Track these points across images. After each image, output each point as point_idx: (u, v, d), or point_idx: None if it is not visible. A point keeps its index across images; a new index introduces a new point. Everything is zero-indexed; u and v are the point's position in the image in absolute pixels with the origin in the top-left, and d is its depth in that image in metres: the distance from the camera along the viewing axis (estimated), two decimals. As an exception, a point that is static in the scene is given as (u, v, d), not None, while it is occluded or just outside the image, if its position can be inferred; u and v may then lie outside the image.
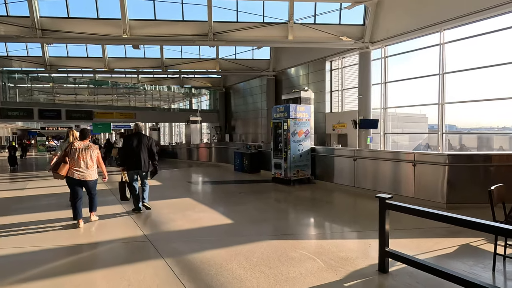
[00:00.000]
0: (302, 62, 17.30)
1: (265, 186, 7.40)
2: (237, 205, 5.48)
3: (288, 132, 6.88)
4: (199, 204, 5.48)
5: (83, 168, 4.39)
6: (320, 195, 6.60)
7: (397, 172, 5.75)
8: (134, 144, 5.03)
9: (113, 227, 4.44)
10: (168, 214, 4.78)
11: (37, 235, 4.15)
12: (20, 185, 8.11)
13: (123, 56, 19.80)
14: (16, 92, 21.53)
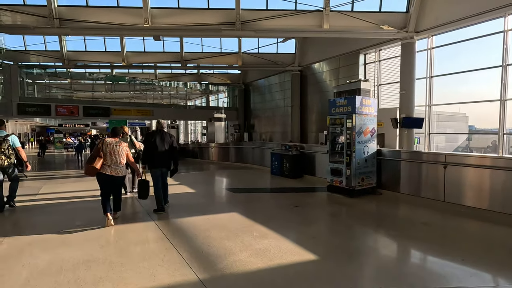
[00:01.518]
0: (332, 56, 15.81)
1: (321, 197, 6.03)
2: (304, 226, 4.14)
3: (353, 130, 5.49)
4: (254, 223, 4.17)
5: (114, 164, 4.33)
6: (404, 213, 5.18)
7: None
8: (156, 141, 4.85)
9: (144, 253, 3.21)
10: (221, 241, 3.49)
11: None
12: (32, 190, 7.00)
13: (142, 50, 18.77)
14: (35, 88, 20.76)
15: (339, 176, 5.81)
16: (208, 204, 5.42)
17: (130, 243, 3.51)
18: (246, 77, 23.56)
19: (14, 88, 16.48)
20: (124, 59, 17.85)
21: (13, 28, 12.03)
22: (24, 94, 17.69)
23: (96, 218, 4.52)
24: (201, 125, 31.60)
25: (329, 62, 16.15)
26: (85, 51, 18.13)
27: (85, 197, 6.08)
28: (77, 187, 7.53)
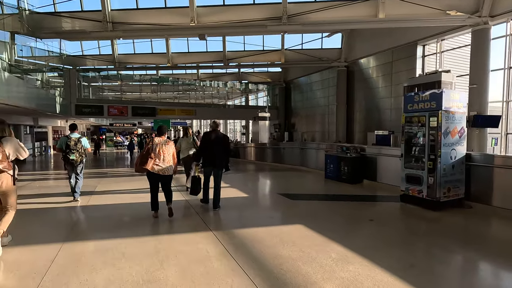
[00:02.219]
0: (383, 49, 14.42)
1: (395, 209, 5.17)
2: (393, 248, 3.31)
3: (438, 131, 4.54)
4: (327, 240, 3.49)
5: (162, 162, 4.42)
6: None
7: None
8: (211, 141, 4.94)
9: (209, 275, 2.74)
10: (295, 263, 2.89)
11: None
12: (89, 188, 7.06)
13: (186, 51, 18.95)
14: (90, 90, 22.13)
15: (418, 184, 4.89)
16: (266, 212, 4.86)
17: (191, 260, 3.07)
18: (287, 75, 22.81)
19: (73, 90, 17.61)
20: (170, 60, 18.16)
21: (72, 33, 12.70)
22: (81, 96, 18.86)
23: (152, 222, 4.23)
24: (240, 124, 31.53)
25: (379, 56, 14.79)
26: (134, 53, 18.83)
27: (138, 197, 5.92)
28: (130, 186, 7.51)
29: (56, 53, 17.41)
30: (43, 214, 4.83)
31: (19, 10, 12.07)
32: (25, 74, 14.24)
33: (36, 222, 4.31)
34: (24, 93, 11.84)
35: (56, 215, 4.96)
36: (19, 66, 14.45)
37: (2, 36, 12.96)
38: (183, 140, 6.77)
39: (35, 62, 16.39)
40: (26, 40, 14.52)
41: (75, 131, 5.92)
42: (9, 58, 13.36)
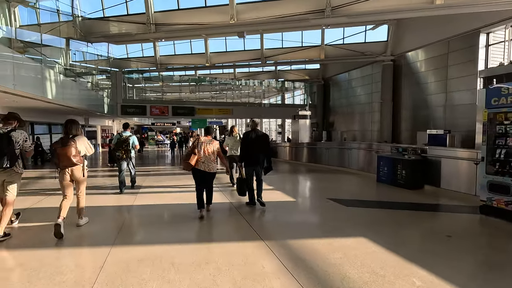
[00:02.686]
0: (438, 40, 13.00)
1: (474, 221, 4.38)
2: (493, 275, 2.69)
3: (536, 130, 3.70)
4: (400, 259, 2.88)
5: (206, 160, 4.56)
6: None
7: None
8: (252, 140, 4.96)
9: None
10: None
11: None
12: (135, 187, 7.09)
13: (223, 50, 18.95)
14: (133, 91, 23.18)
15: (506, 194, 4.05)
16: (320, 220, 4.35)
17: (246, 275, 2.70)
18: (326, 72, 21.85)
19: (119, 91, 18.51)
20: (208, 60, 18.28)
21: (118, 36, 13.22)
22: (126, 96, 19.78)
23: (199, 226, 3.96)
24: (276, 123, 31.05)
25: (431, 48, 13.38)
26: (174, 54, 19.27)
27: (182, 197, 5.77)
28: (174, 184, 7.47)
29: (104, 57, 18.42)
30: (93, 212, 4.82)
31: (73, 17, 12.83)
32: (77, 77, 15.19)
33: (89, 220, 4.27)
34: (76, 94, 12.56)
35: (106, 214, 4.93)
36: (73, 69, 15.46)
37: (59, 42, 13.90)
38: (230, 139, 7.00)
39: (86, 65, 17.47)
40: (79, 45, 15.49)
41: (127, 129, 6.55)
42: (64, 62, 14.32)
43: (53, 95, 9.47)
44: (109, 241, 3.52)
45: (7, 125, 3.66)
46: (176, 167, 12.09)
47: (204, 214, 4.55)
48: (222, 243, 3.51)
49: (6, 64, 7.01)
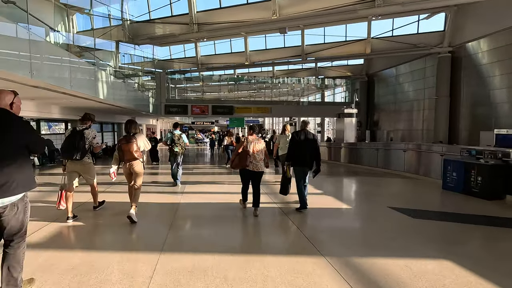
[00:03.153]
0: (504, 28, 11.30)
1: None
2: None
3: None
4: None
5: (254, 159, 4.53)
6: None
7: None
8: (301, 140, 4.82)
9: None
10: None
11: None
12: (179, 188, 7.04)
13: (263, 48, 18.62)
14: (176, 91, 23.93)
15: None
16: (386, 234, 3.73)
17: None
18: (370, 68, 20.45)
19: (163, 92, 19.15)
20: (247, 58, 18.09)
21: (163, 37, 13.54)
22: (169, 96, 20.43)
23: (251, 233, 3.62)
24: (314, 122, 30.02)
25: (497, 37, 11.70)
26: (214, 54, 19.41)
27: (228, 197, 5.51)
28: (218, 180, 7.29)
29: (149, 59, 19.17)
30: (143, 210, 4.75)
31: (122, 21, 13.41)
32: (126, 78, 15.95)
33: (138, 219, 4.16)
34: (125, 95, 13.11)
35: (154, 213, 4.83)
36: (122, 71, 16.26)
37: (110, 46, 14.68)
38: (282, 138, 6.97)
39: (133, 67, 18.33)
40: (127, 48, 16.25)
41: (177, 128, 6.94)
42: (114, 65, 15.09)
43: (104, 95, 9.89)
44: (158, 246, 3.33)
45: (83, 124, 4.31)
46: (217, 165, 12.03)
47: (253, 214, 4.55)
48: (277, 256, 3.12)
49: (64, 67, 7.37)
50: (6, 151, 2.11)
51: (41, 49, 6.22)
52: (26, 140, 2.22)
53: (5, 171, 2.06)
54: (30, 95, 7.99)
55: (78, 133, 4.15)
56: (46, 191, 6.15)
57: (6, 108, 2.19)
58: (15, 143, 2.16)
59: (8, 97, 2.23)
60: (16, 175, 2.11)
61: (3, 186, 2.04)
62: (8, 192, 2.07)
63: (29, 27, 5.91)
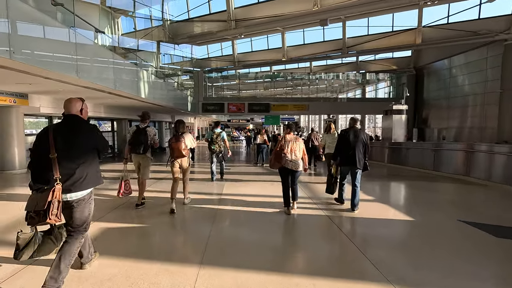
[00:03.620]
0: None
1: None
2: None
3: None
4: None
5: (294, 158, 4.51)
6: None
7: None
8: (350, 138, 4.66)
9: None
10: None
11: None
12: (216, 188, 6.80)
13: (301, 43, 17.86)
14: (213, 90, 24.15)
15: None
16: (467, 256, 2.95)
17: None
18: (418, 60, 18.64)
19: (200, 90, 19.37)
20: (285, 54, 17.51)
21: (201, 36, 13.53)
22: (206, 95, 20.63)
23: (296, 246, 3.18)
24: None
25: None
26: (251, 51, 19.12)
27: (268, 202, 5.11)
28: (257, 179, 6.95)
29: (188, 58, 19.49)
30: (179, 213, 4.54)
31: (163, 21, 13.67)
32: (166, 77, 16.34)
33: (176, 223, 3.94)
34: (165, 94, 13.37)
35: (192, 217, 4.60)
36: (162, 71, 16.69)
37: (151, 47, 15.09)
38: (328, 136, 6.78)
39: (173, 67, 18.76)
40: (167, 49, 16.63)
41: (218, 126, 7.23)
42: (155, 65, 15.51)
43: (146, 94, 10.08)
44: (197, 257, 3.03)
45: (144, 122, 4.78)
46: (252, 164, 11.72)
47: (292, 212, 4.58)
48: (333, 280, 2.62)
49: (109, 68, 7.54)
50: (79, 152, 2.40)
51: (88, 52, 6.42)
52: (94, 141, 2.51)
53: (78, 169, 2.35)
54: (79, 95, 8.34)
55: (142, 130, 4.66)
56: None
57: (77, 114, 2.50)
58: (85, 145, 2.45)
59: (78, 104, 2.52)
60: (86, 172, 2.39)
61: (76, 182, 2.33)
62: (80, 187, 2.36)
63: (83, 32, 6.11)
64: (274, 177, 7.43)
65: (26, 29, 4.54)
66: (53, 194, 2.17)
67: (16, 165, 8.33)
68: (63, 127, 2.42)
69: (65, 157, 2.32)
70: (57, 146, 2.30)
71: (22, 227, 2.59)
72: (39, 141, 2.36)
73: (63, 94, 7.76)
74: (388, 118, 11.89)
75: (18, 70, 4.83)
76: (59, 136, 2.35)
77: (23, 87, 7.03)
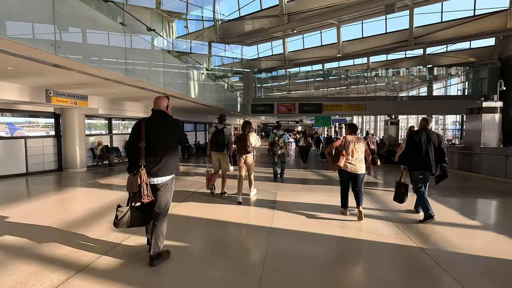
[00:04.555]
0: None
1: None
2: None
3: None
4: None
5: (354, 160, 4.24)
6: None
7: None
8: (422, 140, 4.24)
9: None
10: None
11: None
12: (269, 195, 6.03)
13: (358, 37, 16.18)
14: (262, 90, 23.60)
15: None
16: None
17: None
18: (505, 49, 15.40)
19: (250, 91, 18.93)
20: (340, 50, 16.06)
21: (252, 33, 12.98)
22: (255, 96, 20.13)
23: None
24: (417, 120, 25.20)
25: None
26: (302, 49, 18.04)
27: (329, 224, 4.13)
28: (313, 195, 5.98)
29: (238, 59, 19.24)
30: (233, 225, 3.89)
31: (214, 21, 13.49)
32: (216, 79, 16.25)
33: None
34: (215, 95, 13.16)
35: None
36: (213, 73, 16.64)
37: (202, 49, 15.10)
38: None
39: (223, 68, 18.68)
40: (218, 51, 16.55)
41: (280, 129, 7.63)
42: (207, 66, 15.48)
43: (196, 94, 9.86)
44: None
45: (222, 124, 5.28)
46: (308, 167, 10.68)
47: (357, 217, 4.23)
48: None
49: (161, 69, 7.37)
50: (166, 143, 2.72)
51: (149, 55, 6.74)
52: (177, 134, 2.82)
53: (164, 157, 2.68)
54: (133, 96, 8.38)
55: (220, 131, 5.17)
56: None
57: (164, 110, 2.85)
58: (170, 136, 2.75)
59: (165, 101, 2.89)
60: (170, 161, 2.73)
61: (163, 168, 2.67)
62: (166, 173, 2.71)
63: (140, 36, 6.31)
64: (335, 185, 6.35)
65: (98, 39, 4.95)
66: (141, 179, 2.52)
67: (77, 163, 8.70)
68: (153, 121, 2.75)
69: (154, 146, 2.65)
70: (147, 136, 2.65)
71: (122, 203, 2.92)
72: (134, 131, 2.72)
73: (115, 94, 7.82)
74: (474, 118, 9.69)
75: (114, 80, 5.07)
76: (149, 128, 2.69)
77: (85, 89, 7.23)
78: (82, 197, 5.83)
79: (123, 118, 12.14)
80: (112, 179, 7.73)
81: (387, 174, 9.24)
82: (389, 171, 9.74)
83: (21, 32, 3.48)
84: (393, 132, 17.35)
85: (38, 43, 3.71)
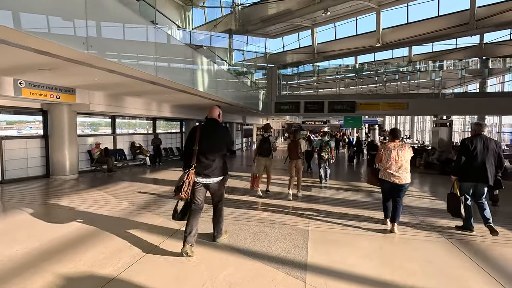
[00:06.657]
0: None
1: None
2: None
3: None
4: None
5: (398, 170, 3.83)
6: None
7: None
8: (477, 148, 3.81)
9: None
10: None
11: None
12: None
13: (404, 23, 13.56)
14: (287, 88, 21.38)
15: None
16: None
17: None
18: None
19: (273, 88, 16.88)
20: (379, 39, 13.54)
21: (277, 17, 10.99)
22: (280, 93, 18.03)
23: None
24: (464, 121, 21.64)
25: None
26: (334, 40, 15.69)
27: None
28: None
29: (261, 53, 17.29)
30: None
31: (234, 7, 11.68)
32: (238, 76, 14.46)
33: None
34: (236, 92, 11.40)
35: None
36: (235, 69, 14.86)
37: (222, 43, 13.37)
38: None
39: (245, 64, 16.82)
40: (239, 44, 14.76)
41: (326, 136, 7.90)
42: (228, 61, 13.72)
43: (217, 92, 8.18)
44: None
45: (267, 132, 5.93)
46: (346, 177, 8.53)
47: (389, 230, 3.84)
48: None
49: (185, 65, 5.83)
50: (219, 147, 3.16)
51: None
52: (227, 140, 3.27)
53: (216, 160, 3.11)
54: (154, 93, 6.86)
55: (267, 139, 5.77)
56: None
57: (216, 118, 3.28)
58: (221, 142, 3.19)
59: (217, 110, 3.32)
60: (221, 163, 3.18)
61: (214, 170, 3.11)
62: (215, 174, 3.14)
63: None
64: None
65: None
66: (188, 177, 2.95)
67: (66, 169, 7.21)
68: (208, 127, 3.18)
69: (208, 150, 3.05)
70: (201, 141, 3.05)
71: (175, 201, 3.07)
72: (190, 136, 3.15)
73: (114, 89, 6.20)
74: None
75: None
76: (204, 133, 3.10)
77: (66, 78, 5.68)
78: (19, 230, 3.73)
79: (128, 117, 10.70)
80: (101, 191, 6.02)
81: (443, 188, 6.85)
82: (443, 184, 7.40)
83: None
84: (444, 135, 14.43)
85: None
